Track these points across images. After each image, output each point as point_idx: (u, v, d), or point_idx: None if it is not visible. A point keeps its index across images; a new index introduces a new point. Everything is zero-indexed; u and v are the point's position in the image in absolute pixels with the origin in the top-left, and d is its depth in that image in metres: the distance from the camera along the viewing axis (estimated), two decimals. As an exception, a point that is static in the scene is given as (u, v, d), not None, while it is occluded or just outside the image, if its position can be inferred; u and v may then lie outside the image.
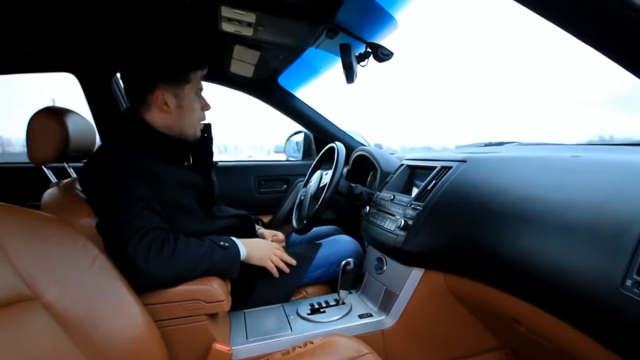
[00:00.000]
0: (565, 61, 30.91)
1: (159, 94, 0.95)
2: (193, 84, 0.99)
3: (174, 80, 0.96)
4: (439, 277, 0.94)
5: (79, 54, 1.44)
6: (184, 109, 0.98)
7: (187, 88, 0.98)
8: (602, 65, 0.45)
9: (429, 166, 1.06)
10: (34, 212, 0.68)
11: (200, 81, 1.02)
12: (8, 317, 0.53)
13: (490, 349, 1.05)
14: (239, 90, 1.75)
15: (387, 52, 1.13)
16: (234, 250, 0.94)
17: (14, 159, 1.69)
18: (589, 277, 0.54)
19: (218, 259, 0.88)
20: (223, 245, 0.92)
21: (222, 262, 0.90)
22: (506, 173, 0.82)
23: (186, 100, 0.98)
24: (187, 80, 0.97)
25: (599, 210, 0.58)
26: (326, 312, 1.01)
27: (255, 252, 1.01)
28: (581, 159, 0.74)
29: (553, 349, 0.75)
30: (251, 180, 1.80)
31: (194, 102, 1.00)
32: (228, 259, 0.92)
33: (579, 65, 19.82)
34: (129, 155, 0.89)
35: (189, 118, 1.00)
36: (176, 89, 0.96)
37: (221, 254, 0.90)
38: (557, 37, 0.45)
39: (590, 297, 0.54)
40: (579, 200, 0.61)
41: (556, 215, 0.63)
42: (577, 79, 27.17)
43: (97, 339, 0.63)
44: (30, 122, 0.97)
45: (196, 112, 1.02)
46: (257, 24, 1.03)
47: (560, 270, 0.59)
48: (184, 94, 0.98)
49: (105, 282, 0.69)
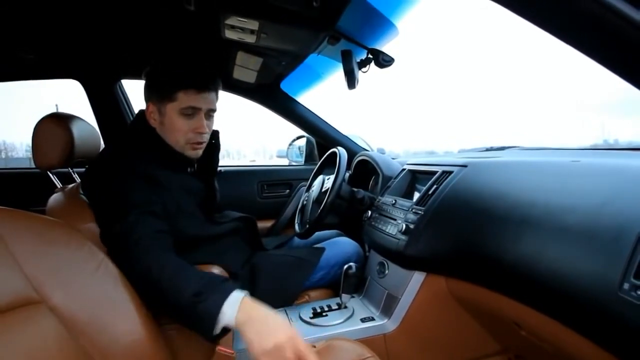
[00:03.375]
0: (568, 65, 31.04)
1: (149, 105, 0.97)
2: (178, 103, 0.93)
3: (159, 96, 0.95)
4: (440, 281, 0.95)
5: (83, 61, 1.46)
6: (165, 126, 0.96)
7: (170, 107, 0.94)
8: (605, 69, 0.46)
9: (430, 171, 1.07)
10: (41, 216, 0.69)
11: (197, 100, 0.94)
12: (15, 320, 0.54)
13: (492, 353, 1.05)
14: (242, 96, 1.76)
15: (388, 58, 1.14)
16: (207, 306, 0.68)
17: (17, 163, 1.71)
18: (588, 281, 0.55)
19: (184, 305, 0.70)
20: (195, 296, 0.69)
21: (187, 312, 0.70)
22: (507, 177, 0.83)
23: (167, 118, 0.95)
24: (171, 99, 0.93)
25: (598, 214, 0.58)
26: (328, 316, 1.02)
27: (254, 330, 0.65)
28: (581, 163, 0.75)
29: (554, 352, 0.76)
30: (254, 185, 1.81)
31: (176, 121, 0.95)
32: (193, 312, 0.69)
33: (582, 69, 19.92)
34: (130, 161, 0.89)
35: (171, 136, 0.97)
36: (160, 104, 0.95)
37: (187, 302, 0.69)
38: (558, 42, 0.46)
39: (589, 300, 0.54)
40: (579, 205, 0.62)
41: (556, 219, 0.64)
42: (579, 83, 27.26)
43: (103, 343, 0.64)
44: (36, 128, 0.98)
45: (179, 132, 0.96)
46: (260, 31, 1.04)
47: (560, 274, 0.60)
48: (166, 111, 0.95)
49: (110, 286, 0.70)
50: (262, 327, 0.65)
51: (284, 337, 0.63)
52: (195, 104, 0.95)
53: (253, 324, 0.66)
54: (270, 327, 0.66)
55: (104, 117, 1.60)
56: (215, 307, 0.68)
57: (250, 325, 0.66)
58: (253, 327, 0.66)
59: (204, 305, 0.68)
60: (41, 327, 0.57)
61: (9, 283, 0.56)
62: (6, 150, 4.41)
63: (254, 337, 0.64)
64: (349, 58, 1.11)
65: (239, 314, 0.67)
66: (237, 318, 0.67)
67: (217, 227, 1.06)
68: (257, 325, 0.66)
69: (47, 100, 8.63)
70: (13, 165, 1.78)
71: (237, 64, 1.40)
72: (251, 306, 0.69)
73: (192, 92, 0.93)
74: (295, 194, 1.82)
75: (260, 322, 0.66)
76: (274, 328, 0.65)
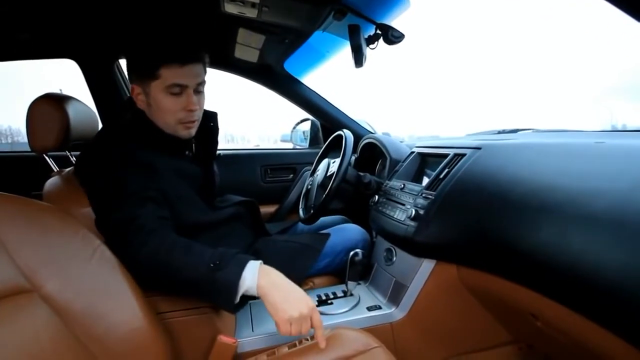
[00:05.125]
0: (572, 50, 30.32)
1: (134, 87, 0.91)
2: (162, 81, 0.86)
3: (141, 75, 0.88)
4: (451, 269, 0.91)
5: (80, 40, 1.41)
6: (152, 107, 0.90)
7: (154, 85, 0.87)
8: (611, 53, 0.41)
9: (441, 154, 1.02)
10: (34, 201, 0.66)
11: (182, 76, 0.87)
12: (5, 309, 0.52)
13: (503, 342, 1.02)
14: (244, 76, 1.71)
15: (398, 34, 1.08)
16: (226, 274, 0.69)
17: (23, 148, 1.69)
18: (616, 272, 0.51)
19: (200, 278, 0.70)
20: (213, 266, 0.69)
21: (205, 284, 0.70)
22: (524, 161, 0.78)
23: (153, 99, 0.89)
24: (154, 77, 0.86)
25: (628, 200, 0.54)
26: (334, 304, 0.99)
27: (276, 296, 0.69)
28: (606, 145, 0.70)
29: (570, 344, 0.72)
30: (257, 169, 1.77)
31: (162, 100, 0.88)
32: (212, 283, 0.69)
33: (586, 55, 19.43)
34: (123, 147, 0.85)
35: (160, 117, 0.91)
36: (143, 84, 0.88)
37: (204, 274, 0.69)
38: (563, 25, 0.41)
39: (619, 293, 0.50)
40: (607, 189, 0.57)
41: (580, 205, 0.59)
42: (584, 68, 26.68)
43: (99, 332, 0.62)
44: (30, 109, 0.95)
45: (168, 112, 0.90)
46: (262, 4, 0.98)
47: (584, 264, 0.55)
48: (151, 91, 0.88)
49: (107, 274, 0.68)
50: (288, 295, 0.69)
51: (308, 308, 0.68)
52: (180, 80, 0.87)
53: (278, 289, 0.69)
54: (297, 296, 0.69)
55: (101, 98, 1.55)
56: (235, 274, 0.69)
57: (275, 290, 0.69)
58: (279, 293, 0.69)
59: (223, 273, 0.69)
60: (33, 317, 0.55)
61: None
62: (12, 135, 4.46)
63: (280, 303, 0.67)
64: (356, 33, 1.05)
65: (260, 280, 0.69)
66: (259, 283, 0.69)
67: (217, 213, 1.02)
68: (284, 292, 0.69)
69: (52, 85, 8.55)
70: (19, 149, 1.76)
71: (238, 42, 1.35)
72: (272, 272, 0.72)
73: (175, 66, 0.86)
74: (300, 179, 1.79)
75: (286, 290, 0.70)
76: (299, 297, 0.69)
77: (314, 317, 0.69)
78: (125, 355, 0.63)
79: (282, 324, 0.68)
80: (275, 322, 0.69)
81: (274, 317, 0.69)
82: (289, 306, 0.67)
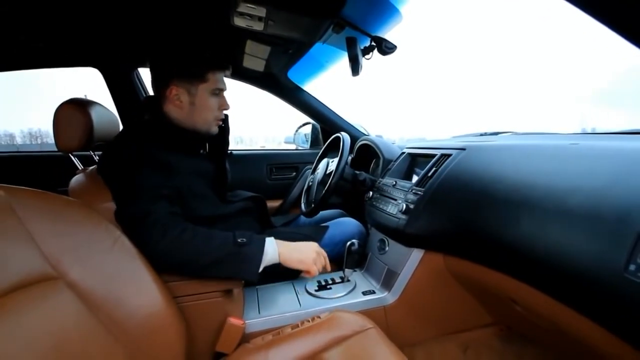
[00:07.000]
0: (546, 58, 30.16)
1: (172, 89, 0.90)
2: (210, 84, 0.92)
3: (189, 77, 0.90)
4: (438, 258, 0.91)
5: (103, 49, 1.39)
6: (195, 106, 0.92)
7: (202, 87, 0.91)
8: (585, 61, 0.40)
9: (429, 154, 1.01)
10: (59, 196, 0.65)
11: (221, 81, 0.94)
12: (33, 295, 0.51)
13: (485, 324, 1.01)
14: (252, 84, 1.70)
15: (390, 45, 1.06)
16: (251, 249, 0.77)
17: (52, 148, 1.67)
18: (591, 262, 0.50)
19: (227, 255, 0.75)
20: (240, 242, 0.77)
21: (232, 259, 0.75)
22: (506, 160, 0.77)
23: (199, 99, 0.92)
24: (203, 79, 0.91)
25: (602, 196, 0.53)
26: (332, 289, 0.98)
27: (294, 255, 0.82)
28: (580, 146, 0.69)
29: (547, 326, 0.72)
30: (263, 167, 1.76)
31: (208, 101, 0.93)
32: (240, 257, 0.76)
33: (560, 62, 19.33)
34: (142, 146, 0.83)
35: (202, 115, 0.93)
36: (189, 86, 0.90)
37: (232, 250, 0.75)
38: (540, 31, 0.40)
39: (593, 281, 0.49)
40: (581, 186, 0.56)
41: (558, 201, 0.58)
42: (559, 75, 26.57)
43: (119, 316, 0.61)
44: (57, 112, 0.93)
45: (210, 111, 0.94)
46: (268, 18, 0.97)
47: (561, 254, 0.54)
48: (197, 92, 0.91)
49: (126, 262, 0.66)
50: (302, 249, 0.85)
51: (318, 248, 0.88)
52: (221, 85, 0.95)
53: (294, 250, 0.83)
54: (308, 247, 0.86)
55: (122, 102, 1.54)
56: (259, 248, 0.79)
57: (293, 252, 0.83)
58: (296, 252, 0.83)
59: (249, 248, 0.77)
60: (59, 302, 0.54)
61: (24, 260, 0.52)
62: (42, 137, 4.42)
63: (301, 256, 0.83)
64: (353, 45, 1.04)
65: (280, 249, 0.82)
66: (280, 252, 0.81)
67: (229, 206, 1.01)
68: (298, 250, 0.84)
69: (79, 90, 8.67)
70: (47, 149, 1.74)
71: (246, 52, 1.32)
72: (283, 243, 0.84)
73: (218, 72, 0.93)
74: (302, 176, 1.78)
75: (298, 248, 0.85)
76: (309, 247, 0.86)
77: (322, 251, 0.88)
78: (143, 337, 0.62)
79: (310, 267, 0.83)
80: (305, 271, 0.84)
81: (302, 267, 0.83)
82: (307, 255, 0.84)
